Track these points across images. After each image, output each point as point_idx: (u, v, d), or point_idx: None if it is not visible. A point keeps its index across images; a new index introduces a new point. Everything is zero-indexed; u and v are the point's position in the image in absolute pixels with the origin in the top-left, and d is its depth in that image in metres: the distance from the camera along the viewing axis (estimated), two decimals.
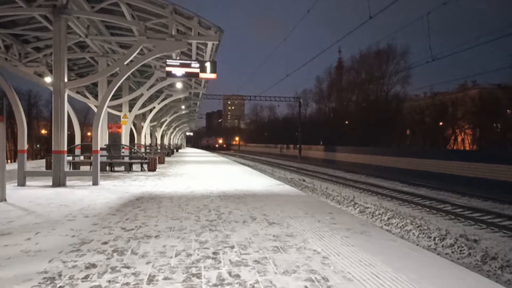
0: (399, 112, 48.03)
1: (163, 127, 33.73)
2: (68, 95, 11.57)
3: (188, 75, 10.34)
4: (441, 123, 44.38)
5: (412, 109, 49.08)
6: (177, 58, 11.47)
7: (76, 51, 13.85)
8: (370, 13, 13.60)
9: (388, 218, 10.53)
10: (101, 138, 13.99)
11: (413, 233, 9.12)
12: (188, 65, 10.16)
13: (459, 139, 44.15)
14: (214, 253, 3.74)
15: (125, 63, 9.85)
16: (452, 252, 7.67)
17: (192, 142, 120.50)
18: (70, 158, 14.66)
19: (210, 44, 10.86)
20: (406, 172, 24.11)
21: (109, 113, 17.94)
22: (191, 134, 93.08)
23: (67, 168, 10.40)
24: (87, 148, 18.65)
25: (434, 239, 8.44)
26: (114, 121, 20.79)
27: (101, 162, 12.11)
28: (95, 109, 14.90)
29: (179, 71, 10.08)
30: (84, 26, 11.17)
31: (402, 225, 9.79)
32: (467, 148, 42.29)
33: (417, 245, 7.92)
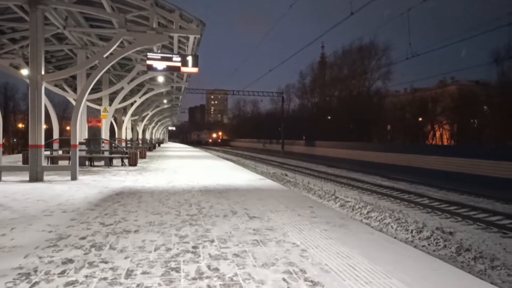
0: (380, 108, 48.81)
1: (145, 121, 33.33)
2: (46, 88, 11.31)
3: (170, 69, 10.23)
4: (420, 119, 45.35)
5: (393, 105, 50.00)
6: (158, 51, 11.32)
7: (54, 43, 13.50)
8: (352, 9, 13.71)
9: (368, 212, 10.72)
10: (80, 132, 13.73)
11: (391, 226, 9.32)
12: (170, 59, 10.04)
13: (438, 134, 45.21)
14: (193, 247, 3.75)
15: (105, 56, 9.67)
16: (429, 244, 7.87)
17: (180, 137, 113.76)
18: (48, 152, 14.33)
19: (192, 37, 10.76)
20: (386, 166, 24.55)
21: (88, 107, 17.62)
22: (173, 128, 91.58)
23: (44, 163, 10.18)
24: (66, 142, 18.26)
25: (412, 232, 8.65)
26: (94, 115, 20.40)
27: (80, 157, 11.90)
28: (74, 103, 14.61)
29: (160, 65, 9.96)
30: (62, 18, 10.90)
31: (381, 218, 9.99)
32: (445, 143, 43.35)
33: (395, 237, 8.11)
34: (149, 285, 2.76)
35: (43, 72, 9.34)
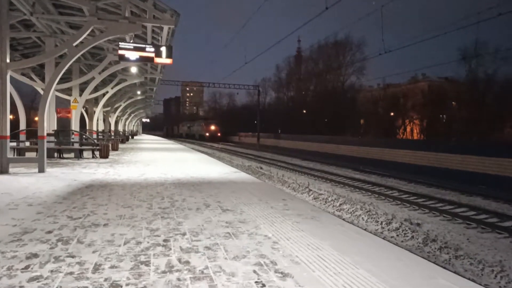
0: (354, 102, 49.70)
1: (117, 112, 32.54)
2: (12, 77, 10.84)
3: (143, 60, 9.99)
4: (392, 114, 46.47)
5: (366, 100, 50.98)
6: (131, 41, 11.05)
7: (21, 30, 12.90)
8: (327, 3, 13.81)
9: (340, 204, 10.93)
10: (49, 123, 13.27)
11: (362, 218, 9.54)
12: (143, 49, 9.81)
13: (408, 129, 46.51)
14: (165, 240, 3.71)
15: (74, 44, 9.35)
16: (397, 235, 8.12)
17: (165, 130, 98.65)
18: (14, 144, 13.78)
19: (166, 28, 10.54)
20: (359, 160, 25.07)
21: (58, 97, 17.02)
22: (148, 120, 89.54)
23: (10, 154, 9.79)
24: (34, 133, 17.62)
25: (381, 223, 8.89)
26: (63, 105, 19.72)
27: (49, 149, 11.52)
28: (42, 92, 14.07)
29: (132, 55, 9.72)
30: (29, 4, 10.41)
31: (353, 210, 10.21)
32: (415, 138, 44.67)
33: (365, 229, 8.31)
34: (117, 279, 2.72)
35: (8, 60, 8.94)
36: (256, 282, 2.73)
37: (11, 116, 9.91)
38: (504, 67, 44.22)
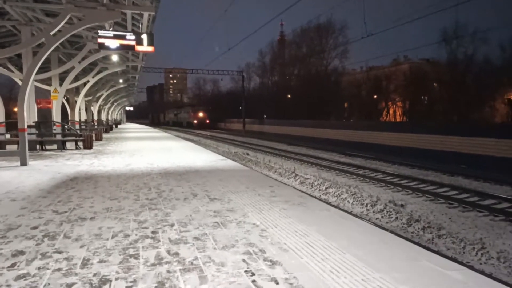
0: (338, 86, 49.91)
1: (100, 101, 31.95)
2: None
3: (123, 48, 9.79)
4: (375, 96, 46.92)
5: (349, 83, 51.24)
6: (110, 29, 10.77)
7: None
8: None
9: (326, 188, 11.07)
10: (29, 115, 12.94)
11: (348, 201, 9.71)
12: (123, 37, 9.60)
13: (391, 111, 47.13)
14: (153, 232, 3.71)
15: (52, 33, 9.07)
16: (382, 216, 8.30)
17: (150, 118, 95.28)
18: None
19: (146, 14, 10.33)
20: (343, 143, 25.36)
21: (37, 88, 16.57)
22: (131, 109, 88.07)
23: None
24: (14, 125, 17.19)
25: (367, 206, 9.07)
26: (44, 96, 19.22)
27: (30, 141, 11.26)
28: (21, 83, 13.67)
29: (113, 43, 9.50)
30: None
31: (339, 193, 10.37)
32: (398, 120, 45.32)
33: (351, 212, 8.48)
34: (106, 274, 2.72)
35: None
36: (245, 271, 2.77)
37: None
38: (483, 47, 44.98)
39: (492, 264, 5.71)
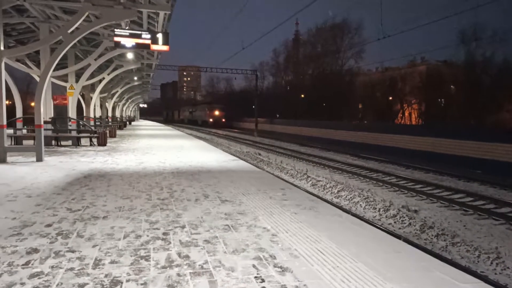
0: (352, 86, 49.46)
1: (114, 98, 32.30)
2: (7, 64, 10.69)
3: (139, 47, 9.86)
4: (390, 98, 46.35)
5: (364, 84, 50.70)
6: (127, 27, 10.87)
7: (14, 15, 12.64)
8: None
9: (338, 191, 11.00)
10: (45, 111, 13.16)
11: (360, 204, 9.62)
12: (139, 36, 9.67)
13: (407, 113, 46.46)
14: (164, 233, 3.73)
15: (69, 31, 9.19)
16: (395, 222, 8.20)
17: (164, 115, 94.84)
18: (11, 131, 13.72)
19: (162, 13, 10.38)
20: (357, 145, 25.11)
21: (54, 84, 16.83)
22: (145, 106, 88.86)
23: (7, 143, 9.74)
24: (31, 120, 17.52)
25: (379, 210, 8.97)
26: (60, 92, 19.52)
27: (46, 137, 11.47)
28: (38, 79, 13.92)
29: (128, 42, 9.58)
30: None
31: (351, 197, 10.28)
32: (414, 122, 44.67)
33: (363, 216, 8.40)
34: (117, 275, 2.74)
35: (2, 47, 8.81)
36: (255, 277, 2.76)
37: (7, 102, 9.82)
38: (502, 49, 43.99)
39: (507, 275, 5.59)
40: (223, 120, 56.56)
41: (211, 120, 56.41)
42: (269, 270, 2.89)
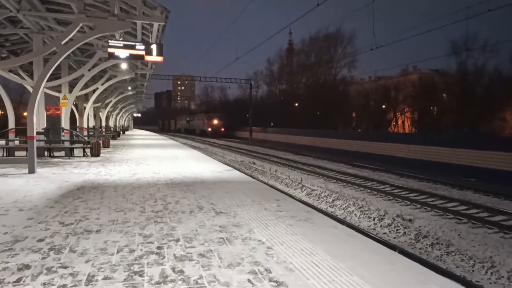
0: (346, 95, 49.87)
1: (108, 108, 32.22)
2: (0, 75, 10.64)
3: (133, 58, 9.89)
4: (384, 106, 46.74)
5: (357, 93, 51.17)
6: (120, 38, 10.90)
7: (7, 25, 12.64)
8: (318, 0, 13.72)
9: (333, 200, 10.99)
10: (38, 121, 13.08)
11: (355, 214, 9.61)
12: (133, 47, 9.69)
13: (400, 121, 46.84)
14: (158, 247, 3.69)
15: (63, 42, 9.19)
16: (390, 231, 8.20)
17: (160, 124, 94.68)
18: (3, 142, 13.60)
19: (156, 25, 10.41)
20: (351, 154, 25.19)
21: (47, 94, 16.80)
22: (139, 115, 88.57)
23: None
24: (23, 131, 17.39)
25: (374, 220, 8.97)
26: (53, 102, 19.45)
27: (39, 147, 11.37)
28: (31, 90, 13.85)
29: (122, 53, 9.59)
30: (16, 0, 10.20)
31: (345, 206, 10.28)
32: (407, 131, 45.02)
33: (358, 226, 8.39)
34: None
35: None
36: None
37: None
38: (493, 59, 44.82)
39: (502, 284, 5.59)
40: (222, 129, 54.64)
41: (209, 129, 54.59)
42: (265, 285, 2.86)
